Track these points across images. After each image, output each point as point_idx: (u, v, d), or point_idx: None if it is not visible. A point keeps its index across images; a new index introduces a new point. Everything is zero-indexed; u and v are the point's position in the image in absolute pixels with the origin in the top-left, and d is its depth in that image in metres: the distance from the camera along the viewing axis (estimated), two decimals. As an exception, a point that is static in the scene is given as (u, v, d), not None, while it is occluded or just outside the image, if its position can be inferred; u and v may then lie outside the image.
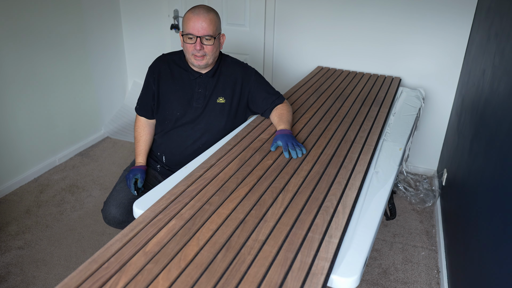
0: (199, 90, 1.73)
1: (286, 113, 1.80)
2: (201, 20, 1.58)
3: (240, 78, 1.78)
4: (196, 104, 1.73)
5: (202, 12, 1.60)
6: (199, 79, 1.73)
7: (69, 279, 0.94)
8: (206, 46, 1.62)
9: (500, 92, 1.57)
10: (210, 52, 1.64)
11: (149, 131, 1.81)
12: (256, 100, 1.82)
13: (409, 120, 2.04)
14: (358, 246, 1.11)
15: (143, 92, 1.78)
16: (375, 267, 2.09)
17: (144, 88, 1.78)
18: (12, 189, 2.59)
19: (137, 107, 1.81)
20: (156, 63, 1.77)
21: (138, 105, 1.81)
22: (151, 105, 1.77)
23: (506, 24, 1.68)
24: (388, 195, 1.37)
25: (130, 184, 1.66)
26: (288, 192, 1.32)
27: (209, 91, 1.74)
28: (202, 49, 1.61)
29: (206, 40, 1.61)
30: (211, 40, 1.62)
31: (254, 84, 1.81)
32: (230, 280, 0.96)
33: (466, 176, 1.93)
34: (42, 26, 2.61)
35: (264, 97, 1.82)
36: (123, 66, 3.47)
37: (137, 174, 1.69)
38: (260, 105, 1.83)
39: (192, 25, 1.58)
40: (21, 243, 2.14)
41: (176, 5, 3.10)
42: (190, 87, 1.73)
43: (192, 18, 1.59)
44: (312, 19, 2.82)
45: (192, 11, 1.61)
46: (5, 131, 2.50)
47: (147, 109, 1.78)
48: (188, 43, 1.62)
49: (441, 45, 2.60)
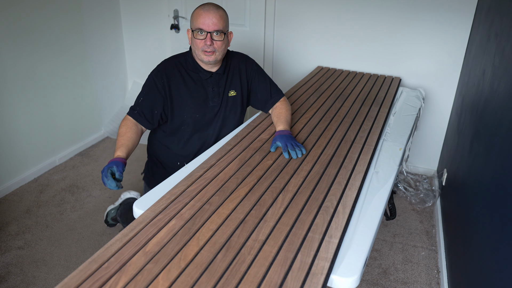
0: (213, 89, 1.74)
1: (284, 112, 1.82)
2: (211, 16, 1.60)
3: (244, 67, 1.83)
4: (213, 103, 1.75)
5: (212, 8, 1.62)
6: (211, 79, 1.73)
7: (69, 279, 0.94)
8: (216, 42, 1.63)
9: (500, 92, 1.57)
10: (219, 48, 1.64)
11: (136, 131, 1.65)
12: (256, 90, 1.87)
13: (409, 120, 2.04)
14: (358, 246, 1.11)
15: (145, 99, 1.68)
16: (375, 267, 2.09)
17: (146, 95, 1.68)
18: (12, 189, 2.59)
19: (135, 112, 1.67)
20: (161, 68, 1.71)
21: (135, 110, 1.68)
22: (153, 114, 1.69)
23: (506, 24, 1.68)
24: (388, 195, 1.37)
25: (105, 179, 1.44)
26: (288, 192, 1.32)
27: (222, 87, 1.76)
28: (212, 44, 1.62)
29: (216, 36, 1.62)
30: (221, 35, 1.63)
31: (256, 74, 1.86)
32: (230, 280, 0.96)
33: (466, 176, 1.93)
34: (42, 26, 2.61)
35: (264, 88, 1.86)
36: (123, 66, 3.47)
37: (113, 166, 1.47)
38: (259, 96, 1.87)
39: (202, 20, 1.59)
40: (21, 243, 2.14)
41: (176, 5, 3.10)
42: (203, 87, 1.73)
43: (203, 14, 1.60)
44: (312, 19, 2.82)
45: (202, 7, 1.63)
46: (5, 131, 2.50)
47: (146, 117, 1.68)
48: (198, 39, 1.62)
49: (441, 45, 2.60)
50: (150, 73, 1.72)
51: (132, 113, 1.68)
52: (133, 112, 1.67)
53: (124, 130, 1.63)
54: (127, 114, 1.69)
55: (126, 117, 1.68)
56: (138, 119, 1.67)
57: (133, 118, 1.67)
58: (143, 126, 1.69)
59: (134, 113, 1.67)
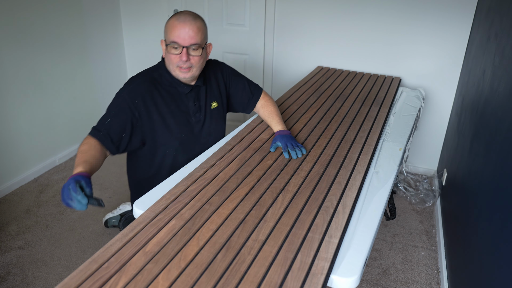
0: (195, 104, 1.60)
1: (274, 109, 1.76)
2: (187, 28, 1.42)
3: (219, 74, 1.71)
4: (195, 119, 1.62)
5: (188, 19, 1.43)
6: (191, 93, 1.59)
7: (69, 279, 0.94)
8: (193, 57, 1.47)
9: (500, 92, 1.57)
10: (197, 63, 1.49)
11: (101, 152, 1.38)
12: (236, 93, 1.76)
13: (409, 120, 2.04)
14: (358, 246, 1.11)
15: (114, 121, 1.44)
16: (375, 267, 2.09)
17: (115, 116, 1.45)
18: (12, 189, 2.59)
19: (100, 134, 1.41)
20: (135, 87, 1.49)
21: (100, 131, 1.41)
22: (121, 138, 1.46)
23: (506, 24, 1.68)
24: (388, 195, 1.37)
25: (73, 194, 1.12)
26: (288, 192, 1.32)
27: (203, 100, 1.63)
28: (189, 60, 1.46)
29: (193, 51, 1.46)
30: (199, 50, 1.47)
31: (232, 76, 1.75)
32: (230, 280, 0.96)
33: (466, 176, 1.93)
34: (43, 27, 2.61)
35: (243, 88, 1.76)
36: (123, 66, 3.47)
37: (80, 180, 1.18)
38: (240, 97, 1.77)
39: (178, 33, 1.42)
40: (21, 243, 2.14)
41: (176, 5, 3.10)
42: (183, 103, 1.58)
43: (178, 26, 1.42)
44: (312, 19, 2.82)
45: (177, 17, 1.44)
46: (5, 131, 2.50)
47: (113, 140, 1.43)
48: (173, 54, 1.45)
49: (441, 45, 2.60)
50: (120, 91, 1.50)
51: (96, 134, 1.41)
52: (98, 134, 1.41)
53: (86, 148, 1.35)
54: (90, 134, 1.41)
55: (89, 137, 1.41)
56: (104, 141, 1.41)
57: (98, 140, 1.40)
58: (107, 150, 1.43)
59: (99, 134, 1.41)
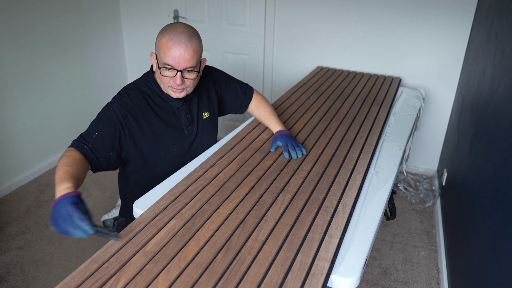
0: (187, 116, 1.53)
1: (270, 109, 1.74)
2: (183, 51, 1.31)
3: (210, 81, 1.63)
4: (188, 131, 1.55)
5: (184, 40, 1.31)
6: (183, 106, 1.51)
7: (69, 279, 0.94)
8: (188, 80, 1.38)
9: (500, 92, 1.57)
10: (191, 84, 1.41)
11: (85, 167, 1.27)
12: (228, 96, 1.70)
13: (409, 120, 2.04)
14: (358, 246, 1.11)
15: (101, 135, 1.34)
16: (375, 267, 2.09)
17: (103, 130, 1.35)
18: (12, 189, 2.59)
19: (86, 147, 1.30)
20: (126, 102, 1.41)
21: (86, 145, 1.30)
22: (108, 153, 1.35)
23: (506, 24, 1.68)
24: (388, 195, 1.37)
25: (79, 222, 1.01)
26: (288, 192, 1.32)
27: (195, 112, 1.56)
28: (183, 83, 1.37)
29: (188, 73, 1.37)
30: (194, 73, 1.38)
31: (223, 80, 1.68)
32: (230, 280, 0.96)
33: (466, 176, 1.93)
34: (42, 27, 2.61)
35: (235, 90, 1.71)
36: (123, 66, 3.47)
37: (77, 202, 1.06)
38: (232, 100, 1.72)
39: (172, 56, 1.31)
40: (21, 243, 2.14)
41: (176, 5, 3.10)
42: (175, 116, 1.50)
43: (172, 48, 1.31)
44: (312, 19, 2.82)
45: (171, 37, 1.31)
46: (5, 131, 2.50)
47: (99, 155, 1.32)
48: (166, 76, 1.35)
49: (441, 45, 2.60)
50: (109, 104, 1.41)
51: (81, 147, 1.30)
52: (83, 147, 1.30)
53: (70, 161, 1.21)
54: (73, 147, 1.29)
55: (72, 150, 1.28)
56: (89, 156, 1.30)
57: (83, 153, 1.29)
58: (90, 165, 1.31)
59: (85, 148, 1.30)
